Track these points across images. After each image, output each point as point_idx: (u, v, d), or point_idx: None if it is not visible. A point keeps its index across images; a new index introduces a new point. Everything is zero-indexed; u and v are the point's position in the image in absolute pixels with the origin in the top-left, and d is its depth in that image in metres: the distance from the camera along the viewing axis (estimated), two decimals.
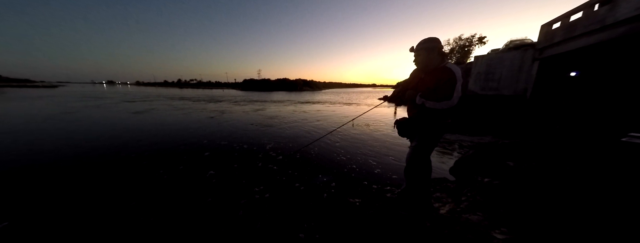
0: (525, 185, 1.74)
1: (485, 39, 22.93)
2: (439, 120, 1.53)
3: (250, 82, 61.45)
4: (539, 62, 8.99)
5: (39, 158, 3.51)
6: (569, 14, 7.42)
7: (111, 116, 8.24)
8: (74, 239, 1.70)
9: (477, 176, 2.15)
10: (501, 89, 10.71)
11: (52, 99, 15.23)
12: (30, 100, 14.41)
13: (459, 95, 1.42)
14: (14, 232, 1.76)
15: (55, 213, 2.02)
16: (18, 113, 8.61)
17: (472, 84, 12.31)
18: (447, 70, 1.45)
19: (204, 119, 7.87)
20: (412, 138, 1.72)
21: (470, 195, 1.87)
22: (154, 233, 1.76)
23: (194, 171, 3.01)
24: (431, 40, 1.56)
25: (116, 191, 2.44)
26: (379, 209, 1.89)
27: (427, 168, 1.66)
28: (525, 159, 2.14)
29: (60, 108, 10.52)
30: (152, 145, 4.33)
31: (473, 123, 7.25)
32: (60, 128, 5.93)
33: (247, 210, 2.10)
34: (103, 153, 3.85)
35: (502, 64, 10.66)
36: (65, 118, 7.45)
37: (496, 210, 1.58)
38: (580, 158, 2.07)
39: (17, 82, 62.12)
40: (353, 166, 3.35)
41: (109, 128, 5.93)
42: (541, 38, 8.83)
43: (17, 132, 5.28)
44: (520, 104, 9.05)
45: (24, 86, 50.41)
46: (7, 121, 6.68)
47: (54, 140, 4.63)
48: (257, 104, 14.13)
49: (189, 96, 22.07)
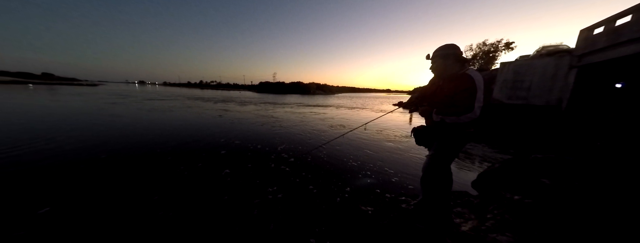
0: (566, 207, 1.56)
1: (513, 44, 21.55)
2: (461, 130, 1.44)
3: (266, 84, 63.46)
4: (577, 70, 8.19)
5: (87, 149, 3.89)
6: (614, 18, 6.72)
7: (135, 113, 8.95)
8: (94, 233, 1.77)
9: (504, 192, 1.96)
10: (531, 98, 9.88)
11: (92, 96, 16.97)
12: (78, 95, 16.21)
13: (481, 105, 1.30)
14: (56, 218, 1.94)
15: (83, 205, 2.16)
16: (61, 105, 9.71)
17: (498, 92, 11.52)
18: (466, 77, 1.35)
19: (221, 119, 8.23)
20: (430, 146, 1.63)
21: (497, 213, 1.71)
22: (173, 228, 1.83)
23: (211, 169, 3.12)
24: (446, 47, 1.51)
25: (141, 186, 2.59)
26: (394, 220, 1.80)
27: (447, 180, 1.55)
28: (563, 177, 1.92)
29: (100, 104, 11.68)
30: (176, 141, 4.61)
31: (498, 134, 6.74)
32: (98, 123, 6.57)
33: (261, 210, 2.12)
34: (136, 147, 4.16)
35: (533, 71, 9.87)
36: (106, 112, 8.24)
37: (529, 233, 1.42)
38: (629, 179, 1.81)
39: (67, 81, 70.85)
40: (367, 173, 3.26)
41: (132, 124, 6.44)
42: (580, 44, 8.06)
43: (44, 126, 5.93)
44: (554, 116, 8.24)
45: (71, 84, 57.52)
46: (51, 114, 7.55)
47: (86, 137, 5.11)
48: (270, 106, 14.50)
49: (209, 97, 23.33)
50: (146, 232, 1.77)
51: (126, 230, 1.78)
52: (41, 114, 7.36)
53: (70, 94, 18.60)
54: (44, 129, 5.21)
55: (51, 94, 17.10)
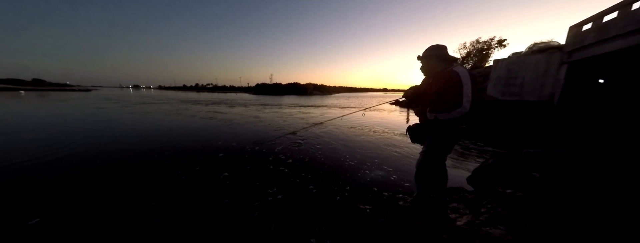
0: (555, 198, 1.62)
1: (505, 41, 21.88)
2: (453, 126, 1.49)
3: (263, 86, 63.21)
4: (567, 66, 8.39)
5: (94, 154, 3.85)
6: (602, 15, 6.90)
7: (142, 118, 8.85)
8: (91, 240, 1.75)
9: (497, 186, 2.02)
10: (524, 94, 10.07)
11: (85, 101, 16.71)
12: (70, 101, 15.95)
13: (470, 99, 1.35)
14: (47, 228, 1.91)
15: (78, 212, 2.13)
16: (53, 112, 9.56)
17: (492, 89, 11.71)
18: (452, 74, 1.41)
19: (215, 121, 8.20)
20: (424, 143, 1.68)
21: (490, 207, 1.77)
22: (173, 234, 1.84)
23: (210, 173, 3.13)
24: (430, 49, 1.65)
25: (139, 192, 2.58)
26: (391, 217, 1.84)
27: (442, 176, 1.60)
28: (553, 170, 1.99)
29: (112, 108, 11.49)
30: (173, 145, 4.59)
31: (492, 130, 6.86)
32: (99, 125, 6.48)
33: (262, 211, 2.14)
34: (136, 152, 4.14)
35: (526, 68, 10.07)
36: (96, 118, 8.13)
37: (521, 225, 1.47)
38: (616, 171, 1.89)
39: (58, 87, 69.46)
40: (366, 172, 3.30)
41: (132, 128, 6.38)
42: (570, 40, 8.26)
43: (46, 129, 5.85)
44: (546, 111, 8.43)
45: (63, 89, 56.32)
46: (38, 121, 7.43)
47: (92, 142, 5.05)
48: (267, 108, 14.47)
49: (204, 100, 23.14)
50: (147, 238, 1.77)
51: (124, 239, 1.76)
52: (27, 121, 7.24)
53: (60, 100, 18.28)
54: (36, 139, 5.13)
55: (40, 101, 16.79)
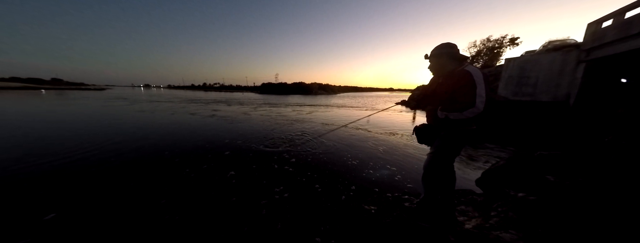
0: (571, 203, 1.55)
1: (518, 40, 21.11)
2: (463, 127, 1.45)
3: (268, 86, 63.75)
4: (585, 64, 8.00)
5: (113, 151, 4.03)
6: (624, 10, 6.53)
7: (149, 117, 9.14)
8: (101, 239, 1.77)
9: (508, 189, 1.96)
10: (538, 94, 9.68)
11: (96, 100, 17.41)
12: (84, 99, 16.65)
13: (484, 100, 1.30)
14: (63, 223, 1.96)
15: (90, 210, 2.15)
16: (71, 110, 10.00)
17: (503, 88, 11.33)
18: (464, 73, 1.37)
19: (222, 120, 8.35)
20: (432, 144, 1.65)
21: (501, 210, 1.72)
22: (183, 231, 1.88)
23: (217, 171, 3.18)
24: (440, 46, 1.57)
25: (150, 189, 2.62)
26: (397, 218, 1.82)
27: (450, 178, 1.56)
28: (569, 174, 1.91)
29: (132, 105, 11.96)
30: (183, 144, 4.71)
31: (503, 131, 6.64)
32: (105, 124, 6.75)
33: (269, 209, 2.16)
34: (144, 150, 4.28)
35: (539, 67, 9.67)
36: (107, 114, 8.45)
37: (533, 230, 1.42)
38: (635, 176, 1.79)
39: (75, 86, 72.98)
40: (369, 171, 3.28)
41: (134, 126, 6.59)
42: (588, 38, 7.86)
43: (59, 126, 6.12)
44: (562, 112, 8.08)
45: (79, 88, 59.38)
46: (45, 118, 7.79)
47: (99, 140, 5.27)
48: (274, 107, 14.59)
49: (211, 99, 23.57)
50: (157, 235, 1.82)
51: (135, 235, 1.80)
52: (50, 120, 7.60)
53: (77, 98, 19.08)
54: (54, 135, 5.38)
55: (62, 99, 17.60)
